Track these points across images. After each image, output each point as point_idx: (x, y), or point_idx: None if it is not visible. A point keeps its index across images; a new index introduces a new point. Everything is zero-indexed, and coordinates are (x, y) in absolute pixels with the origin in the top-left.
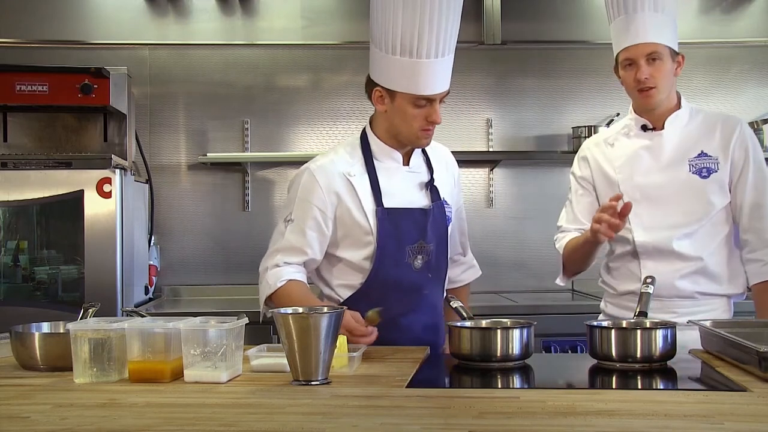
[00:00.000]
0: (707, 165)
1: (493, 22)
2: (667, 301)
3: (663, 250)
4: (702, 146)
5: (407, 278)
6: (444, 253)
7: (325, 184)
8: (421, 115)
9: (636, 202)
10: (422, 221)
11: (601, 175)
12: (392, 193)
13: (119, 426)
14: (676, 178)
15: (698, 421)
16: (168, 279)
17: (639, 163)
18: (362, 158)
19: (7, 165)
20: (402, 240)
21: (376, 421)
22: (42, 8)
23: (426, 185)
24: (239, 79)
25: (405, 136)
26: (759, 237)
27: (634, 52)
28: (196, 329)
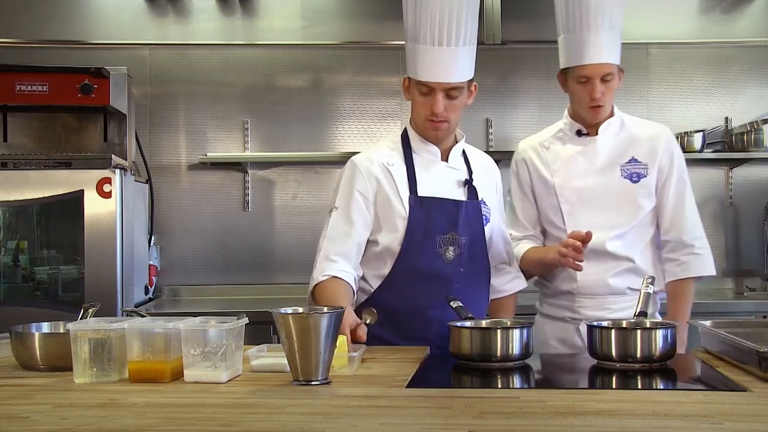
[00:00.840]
0: (637, 170)
1: (493, 22)
2: (601, 299)
3: (597, 250)
4: (632, 152)
5: (436, 268)
6: (481, 251)
7: (365, 170)
8: (426, 103)
9: (571, 204)
10: (454, 213)
11: (538, 178)
12: (427, 184)
13: (119, 426)
14: (609, 182)
15: (698, 421)
16: (168, 279)
17: (574, 167)
18: (401, 150)
19: (7, 165)
20: (432, 228)
21: (376, 421)
22: (42, 8)
23: (463, 183)
24: (239, 79)
25: (418, 126)
26: (678, 239)
27: (591, 71)
28: (196, 329)
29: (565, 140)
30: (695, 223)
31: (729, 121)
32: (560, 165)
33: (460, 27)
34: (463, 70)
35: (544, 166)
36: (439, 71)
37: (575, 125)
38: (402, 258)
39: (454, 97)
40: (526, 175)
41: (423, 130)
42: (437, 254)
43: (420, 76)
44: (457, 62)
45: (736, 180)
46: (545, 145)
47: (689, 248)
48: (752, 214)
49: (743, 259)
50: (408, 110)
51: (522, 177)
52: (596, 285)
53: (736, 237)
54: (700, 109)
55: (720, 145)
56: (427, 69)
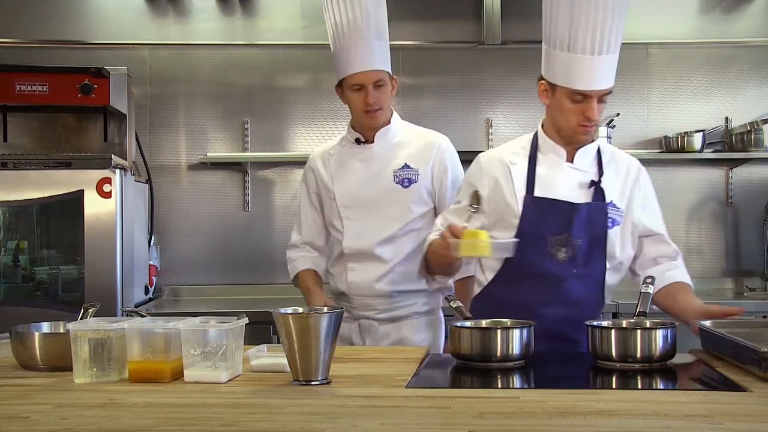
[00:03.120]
0: (409, 176)
1: (493, 22)
2: (368, 300)
3: (366, 253)
4: (405, 159)
5: (546, 268)
6: (599, 253)
7: (486, 168)
8: (578, 110)
9: (348, 209)
10: (569, 215)
11: (323, 186)
12: (547, 185)
13: (119, 426)
14: (382, 187)
15: (698, 421)
16: (168, 279)
17: (352, 174)
18: (529, 150)
19: (7, 165)
20: (544, 229)
21: (376, 421)
22: (42, 8)
23: (589, 185)
24: (239, 79)
25: (564, 131)
26: None
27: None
28: (196, 329)
29: (345, 148)
30: None
31: (729, 121)
32: (340, 172)
33: (612, 34)
34: (613, 75)
35: (327, 173)
36: (598, 80)
37: (355, 134)
38: (515, 256)
39: (604, 101)
40: (314, 183)
41: (572, 134)
42: (548, 254)
43: (577, 86)
44: (611, 69)
45: (735, 180)
46: (331, 153)
47: None
48: (752, 214)
49: (743, 259)
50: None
51: (310, 185)
52: (363, 287)
53: (735, 237)
54: (700, 109)
55: (720, 145)
56: (586, 78)
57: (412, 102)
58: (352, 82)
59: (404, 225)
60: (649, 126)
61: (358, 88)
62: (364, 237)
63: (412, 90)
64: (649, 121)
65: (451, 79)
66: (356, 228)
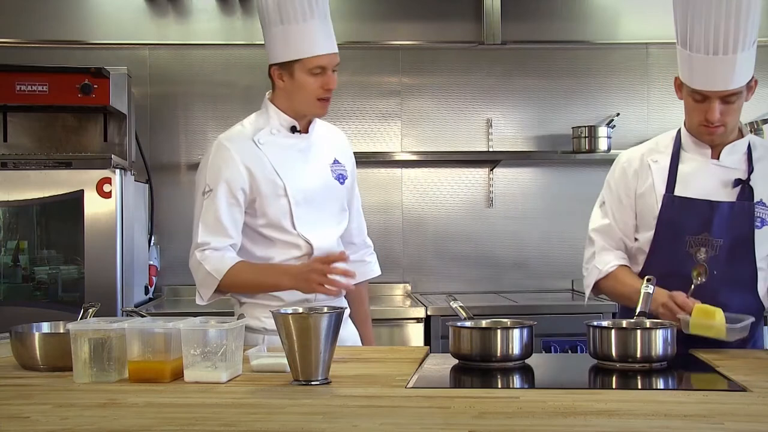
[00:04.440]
0: (341, 172)
1: (493, 22)
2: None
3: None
4: (335, 154)
5: (685, 268)
6: (745, 254)
7: (627, 166)
8: (700, 109)
9: (299, 206)
10: (708, 214)
11: (263, 180)
12: (689, 183)
13: (119, 426)
14: (325, 182)
15: (698, 421)
16: (168, 279)
17: (296, 166)
18: (672, 147)
19: (7, 165)
20: (682, 229)
21: (376, 421)
22: (42, 8)
23: (734, 183)
24: (239, 79)
25: (691, 130)
26: (362, 241)
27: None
28: (196, 329)
29: (278, 137)
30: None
31: None
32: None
33: (738, 33)
34: (740, 75)
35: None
36: (715, 80)
37: (288, 120)
38: (652, 256)
39: (731, 102)
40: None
41: (697, 134)
42: (687, 255)
43: (694, 84)
44: (735, 69)
45: None
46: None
47: (369, 249)
48: None
49: None
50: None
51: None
52: None
53: None
54: None
55: None
56: (701, 78)
57: (412, 102)
58: (313, 64)
59: (346, 223)
60: (649, 126)
61: (318, 72)
62: (326, 236)
63: (412, 90)
64: (649, 121)
65: (451, 79)
66: (312, 228)
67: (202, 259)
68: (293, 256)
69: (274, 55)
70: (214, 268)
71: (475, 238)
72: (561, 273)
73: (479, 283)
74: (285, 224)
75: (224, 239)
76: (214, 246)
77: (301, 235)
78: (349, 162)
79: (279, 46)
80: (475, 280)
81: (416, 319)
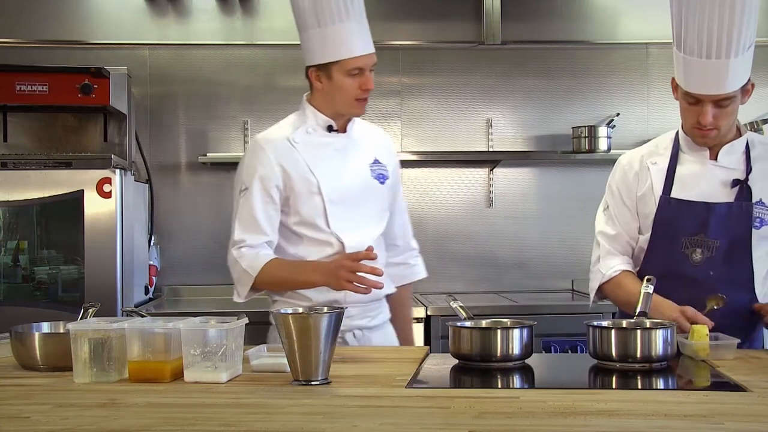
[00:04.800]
0: (382, 172)
1: (493, 22)
2: (366, 306)
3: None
4: (375, 154)
5: (681, 270)
6: (743, 255)
7: (627, 169)
8: (693, 112)
9: (335, 205)
10: (704, 215)
11: (298, 179)
12: (686, 185)
13: (119, 426)
14: (364, 181)
15: (698, 421)
16: (168, 279)
17: (332, 165)
18: (671, 149)
19: (7, 165)
20: (678, 230)
21: (376, 421)
22: (42, 8)
23: (732, 183)
24: (239, 79)
25: (685, 131)
26: (407, 244)
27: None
28: (196, 329)
29: (314, 136)
30: (411, 227)
31: None
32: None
33: (732, 37)
34: (734, 80)
35: (301, 163)
36: (708, 84)
37: (325, 119)
38: (649, 257)
39: (725, 106)
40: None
41: (690, 136)
42: (683, 255)
43: (688, 87)
44: (729, 73)
45: None
46: (295, 140)
47: (413, 251)
48: None
49: None
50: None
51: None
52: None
53: None
54: None
55: None
56: (695, 81)
57: (412, 102)
58: (351, 66)
59: (386, 223)
60: (649, 126)
61: (356, 73)
62: (361, 236)
63: (412, 90)
64: (649, 121)
65: (451, 79)
66: (346, 227)
67: (238, 256)
68: (326, 255)
69: (311, 57)
70: (249, 265)
71: (475, 238)
72: (561, 273)
73: (479, 283)
74: (319, 222)
75: (259, 236)
76: (249, 243)
77: (335, 233)
78: (391, 162)
79: (316, 48)
80: (475, 280)
81: (416, 319)
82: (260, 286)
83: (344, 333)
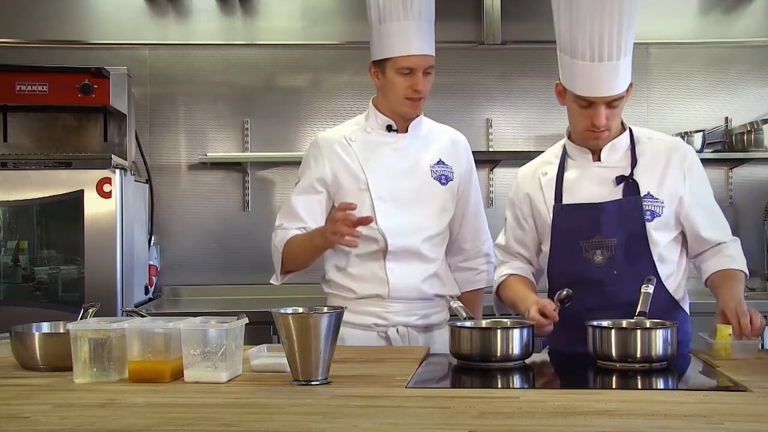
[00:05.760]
0: (445, 173)
1: (493, 22)
2: (411, 303)
3: (411, 252)
4: (440, 154)
5: (586, 273)
6: (642, 250)
7: (521, 185)
8: (586, 115)
9: (384, 202)
10: (595, 216)
11: (348, 175)
12: (575, 189)
13: (119, 426)
14: (420, 181)
15: (698, 421)
16: (168, 279)
17: (386, 164)
18: (560, 158)
19: (7, 165)
20: (576, 235)
21: (376, 421)
22: (42, 8)
23: (618, 180)
24: (239, 79)
25: (576, 135)
26: (476, 248)
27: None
28: (196, 329)
29: (372, 135)
30: (488, 232)
31: (729, 121)
32: (372, 161)
33: (621, 39)
34: (623, 80)
35: (353, 160)
36: (600, 86)
37: (385, 119)
38: (553, 266)
39: (615, 106)
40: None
41: (582, 139)
42: (585, 259)
43: (578, 91)
44: (618, 74)
45: (736, 180)
46: (351, 138)
47: (486, 257)
48: (752, 214)
49: None
50: None
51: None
52: (408, 289)
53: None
54: (700, 109)
55: (720, 145)
56: (586, 84)
57: None
58: (402, 65)
59: (444, 224)
60: (649, 126)
61: (407, 72)
62: (408, 234)
63: None
64: (649, 121)
65: (451, 79)
66: (394, 224)
67: (273, 238)
68: (371, 250)
69: (372, 53)
70: (279, 241)
71: None
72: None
73: None
74: None
75: (295, 221)
76: (285, 227)
77: (380, 230)
78: (460, 164)
79: (375, 45)
80: None
81: None
82: (289, 263)
83: (387, 328)
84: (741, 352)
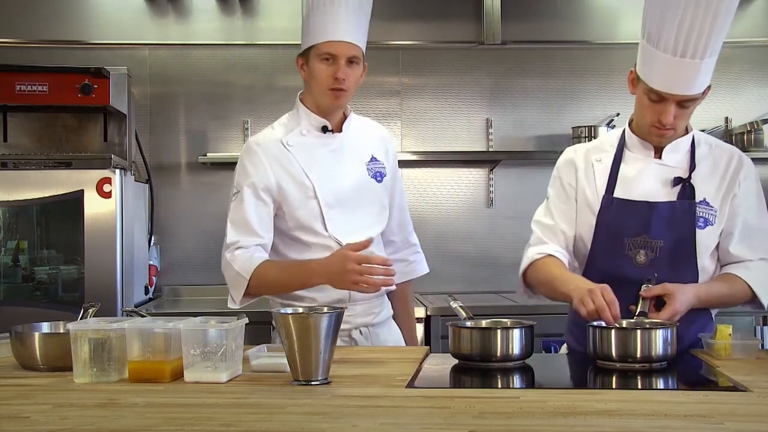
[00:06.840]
0: (379, 169)
1: (493, 22)
2: (369, 303)
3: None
4: (372, 151)
5: (624, 271)
6: (688, 256)
7: (571, 164)
8: (654, 110)
9: (331, 208)
10: (646, 215)
11: (293, 183)
12: (629, 184)
13: (119, 426)
14: (360, 181)
15: (698, 421)
16: (168, 279)
17: (327, 167)
18: (616, 146)
19: (7, 165)
20: (621, 231)
21: (376, 421)
22: (42, 8)
23: (674, 182)
24: (239, 79)
25: (640, 128)
26: (405, 239)
27: None
28: (196, 329)
29: (308, 138)
30: (411, 222)
31: (729, 121)
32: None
33: (711, 38)
34: (702, 81)
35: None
36: (677, 83)
37: (319, 120)
38: (592, 258)
39: (687, 106)
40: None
41: (645, 133)
42: (626, 257)
43: (654, 84)
44: (699, 75)
45: None
46: (288, 143)
47: (413, 247)
48: None
49: None
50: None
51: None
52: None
53: None
54: (700, 109)
55: None
56: (663, 78)
57: (412, 102)
58: (322, 51)
59: (385, 221)
60: None
61: (327, 59)
62: (357, 236)
63: (412, 90)
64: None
65: (451, 79)
66: (343, 229)
67: (231, 259)
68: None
69: (301, 46)
70: (242, 267)
71: (475, 238)
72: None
73: (479, 283)
74: (316, 226)
75: (252, 238)
76: (242, 245)
77: (333, 236)
78: (389, 158)
79: (303, 36)
80: (475, 280)
81: (416, 318)
82: (255, 290)
83: (350, 331)
84: (741, 352)
